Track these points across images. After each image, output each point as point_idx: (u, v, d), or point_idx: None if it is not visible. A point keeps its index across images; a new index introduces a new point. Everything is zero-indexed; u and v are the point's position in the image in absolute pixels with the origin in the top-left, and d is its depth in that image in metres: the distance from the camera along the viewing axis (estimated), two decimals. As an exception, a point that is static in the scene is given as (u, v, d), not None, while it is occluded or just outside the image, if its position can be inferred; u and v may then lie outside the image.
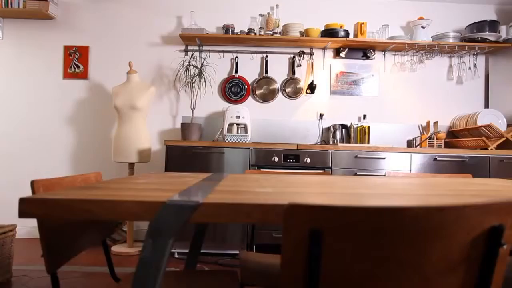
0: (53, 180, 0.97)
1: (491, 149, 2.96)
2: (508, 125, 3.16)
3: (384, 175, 1.79)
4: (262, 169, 2.77)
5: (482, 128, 3.09)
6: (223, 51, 3.46)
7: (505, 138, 3.00)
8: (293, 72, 3.46)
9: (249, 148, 2.79)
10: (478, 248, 0.64)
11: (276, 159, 2.78)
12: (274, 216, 0.70)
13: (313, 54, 3.47)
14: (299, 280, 0.62)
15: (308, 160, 2.79)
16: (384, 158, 2.82)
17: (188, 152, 2.79)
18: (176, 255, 2.86)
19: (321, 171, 2.77)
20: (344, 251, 0.61)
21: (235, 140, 2.94)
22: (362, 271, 0.62)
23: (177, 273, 1.22)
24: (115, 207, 0.74)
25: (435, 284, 0.64)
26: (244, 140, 2.94)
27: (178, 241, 2.83)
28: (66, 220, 0.93)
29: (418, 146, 3.32)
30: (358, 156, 2.80)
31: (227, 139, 2.93)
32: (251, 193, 0.91)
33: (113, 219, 0.76)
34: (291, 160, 2.78)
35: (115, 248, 2.95)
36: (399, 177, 1.63)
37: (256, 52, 3.46)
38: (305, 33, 3.28)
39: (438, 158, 2.84)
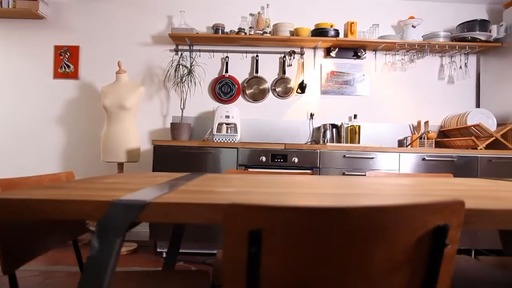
0: (16, 179, 0.97)
1: (481, 149, 2.95)
2: (499, 125, 3.15)
3: (365, 175, 1.78)
4: (249, 169, 2.77)
5: (472, 127, 3.08)
6: (213, 51, 3.45)
7: (494, 138, 2.99)
8: (284, 72, 3.45)
9: (236, 148, 2.79)
10: (423, 248, 0.64)
11: (264, 158, 2.78)
12: (221, 216, 0.69)
13: (304, 53, 3.46)
14: (241, 280, 0.62)
15: (296, 160, 2.78)
16: (373, 158, 2.81)
17: (176, 152, 2.79)
18: (164, 255, 2.85)
19: (307, 171, 2.76)
20: (284, 251, 0.61)
21: (224, 140, 2.93)
22: (304, 272, 0.62)
23: (148, 273, 1.21)
24: (66, 207, 0.74)
25: (379, 285, 0.63)
26: (232, 140, 2.94)
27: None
28: (26, 219, 0.93)
29: (409, 146, 3.31)
30: (347, 156, 2.80)
31: (215, 139, 2.92)
32: (212, 192, 0.90)
33: (66, 218, 0.76)
34: (279, 160, 2.78)
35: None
36: (379, 177, 1.62)
37: (246, 52, 3.46)
38: (295, 32, 3.28)
39: (426, 158, 2.83)
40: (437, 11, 3.54)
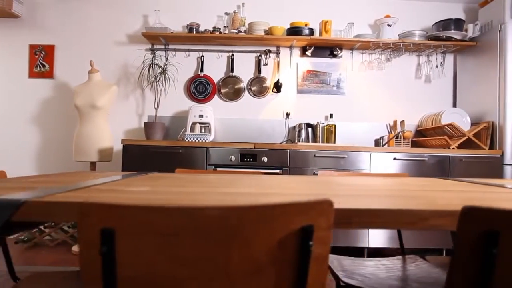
0: None
1: (453, 148, 2.94)
2: (473, 124, 3.14)
3: (317, 174, 1.77)
4: (217, 169, 2.75)
5: (446, 127, 3.06)
6: (188, 50, 3.44)
7: (466, 137, 2.98)
8: (259, 71, 3.44)
9: (206, 148, 2.78)
10: (289, 249, 0.63)
11: (233, 158, 2.77)
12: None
13: (280, 52, 3.45)
14: (98, 280, 0.60)
15: (266, 160, 2.76)
16: (344, 157, 2.80)
17: (146, 152, 2.78)
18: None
19: (276, 171, 2.75)
20: (139, 251, 0.60)
21: (195, 139, 2.92)
22: (162, 272, 0.60)
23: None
24: None
25: (241, 286, 0.62)
26: (204, 139, 2.92)
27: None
28: None
29: (386, 146, 3.29)
30: (317, 155, 2.78)
31: (186, 138, 2.91)
32: (121, 192, 0.89)
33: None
34: (248, 160, 2.76)
35: (76, 248, 2.94)
36: (324, 176, 1.61)
37: (222, 51, 3.45)
38: (269, 31, 3.26)
39: (398, 158, 2.81)
40: (414, 10, 3.52)
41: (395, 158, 2.82)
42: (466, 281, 0.66)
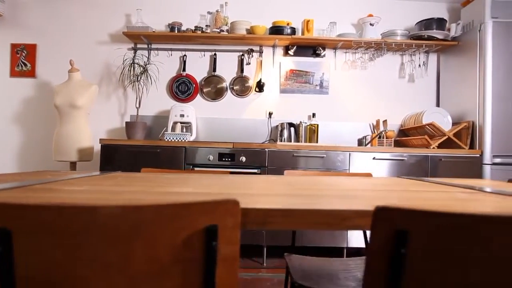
0: None
1: (433, 148, 2.93)
2: (455, 124, 3.13)
3: (283, 174, 1.76)
4: (196, 168, 2.74)
5: (427, 126, 3.06)
6: (171, 50, 3.43)
7: (446, 137, 2.97)
8: (242, 70, 3.43)
9: (184, 147, 2.77)
10: (194, 249, 0.62)
11: (212, 158, 2.76)
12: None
13: (262, 52, 3.44)
14: (-2, 282, 0.60)
15: (244, 159, 2.76)
16: (323, 157, 2.79)
17: (124, 151, 2.77)
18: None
19: (254, 170, 2.74)
20: (39, 251, 0.59)
21: (174, 139, 2.91)
22: (64, 272, 0.60)
23: None
24: None
25: (144, 286, 0.61)
26: (183, 139, 2.91)
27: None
28: None
29: (368, 145, 3.28)
30: (295, 155, 2.78)
31: (166, 138, 2.90)
32: (56, 191, 0.88)
33: None
34: (226, 159, 2.76)
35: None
36: (288, 176, 1.60)
37: (204, 50, 3.44)
38: (251, 30, 3.25)
39: (376, 157, 2.81)
40: (398, 9, 3.51)
41: (374, 158, 2.81)
42: (380, 281, 0.66)
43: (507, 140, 2.80)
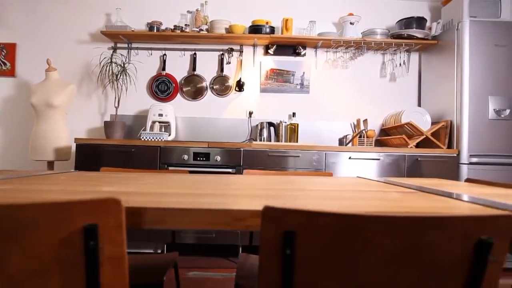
0: None
1: (411, 147, 2.91)
2: (434, 123, 3.11)
3: (242, 173, 1.75)
4: (170, 168, 2.73)
5: (405, 126, 3.04)
6: (151, 49, 3.42)
7: (424, 136, 2.95)
8: (222, 70, 3.42)
9: (159, 147, 2.76)
10: (75, 249, 0.61)
11: (186, 157, 2.75)
12: None
13: (243, 51, 3.42)
14: None
15: (219, 159, 2.74)
16: (298, 156, 2.78)
17: (99, 151, 2.76)
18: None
19: (228, 170, 2.73)
20: None
21: (151, 138, 2.90)
22: None
23: None
24: None
25: (26, 286, 0.60)
26: (160, 138, 2.90)
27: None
28: None
29: (349, 144, 3.27)
30: (270, 154, 2.76)
31: (142, 137, 2.89)
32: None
33: None
34: (201, 159, 2.74)
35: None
36: (244, 176, 1.59)
37: (184, 50, 3.42)
38: (230, 29, 3.24)
39: (352, 157, 2.79)
40: (380, 8, 3.49)
41: (350, 158, 2.79)
42: (275, 281, 0.64)
43: (484, 139, 2.78)
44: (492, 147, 2.78)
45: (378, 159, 2.79)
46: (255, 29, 3.20)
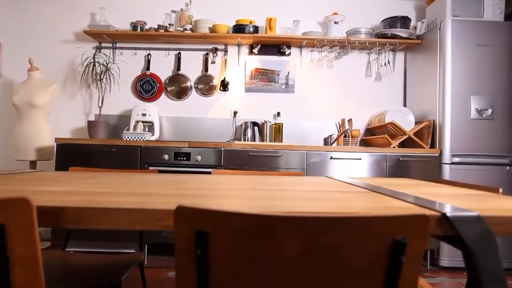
0: None
1: (394, 147, 2.90)
2: (418, 123, 3.10)
3: (210, 173, 1.74)
4: (150, 168, 2.72)
5: (388, 125, 3.03)
6: (135, 48, 3.41)
7: (407, 136, 2.95)
8: (206, 69, 3.41)
9: (139, 146, 2.75)
10: None
11: (167, 157, 2.74)
12: None
13: (227, 51, 3.41)
14: None
15: (199, 158, 2.74)
16: (280, 156, 2.77)
17: (81, 150, 2.75)
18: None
19: (208, 170, 2.72)
20: None
21: (133, 138, 2.89)
22: None
23: None
24: None
25: None
26: (142, 138, 2.90)
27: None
28: None
29: (334, 144, 3.26)
30: (251, 154, 2.75)
31: (124, 137, 2.89)
32: None
33: None
34: (182, 159, 2.74)
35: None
36: (205, 176, 1.58)
37: (169, 49, 3.42)
38: (213, 29, 3.23)
39: (334, 157, 2.78)
40: (366, 7, 3.48)
41: (331, 158, 2.79)
42: (189, 282, 0.64)
43: (466, 139, 2.77)
44: (474, 147, 2.77)
45: (360, 159, 2.78)
46: (239, 28, 3.19)
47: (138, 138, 2.89)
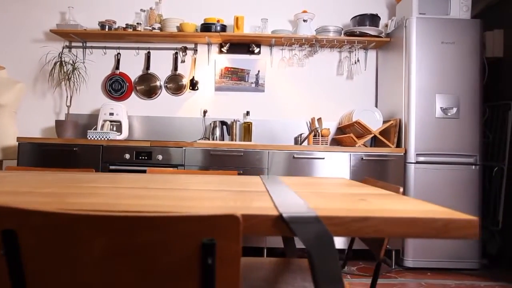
0: None
1: (359, 146, 2.88)
2: (385, 122, 3.07)
3: (145, 172, 1.72)
4: (111, 166, 2.72)
5: (355, 124, 3.00)
6: (105, 48, 3.40)
7: (373, 135, 2.92)
8: (176, 68, 3.40)
9: (101, 146, 2.74)
10: None
11: (128, 156, 2.73)
12: None
13: (197, 50, 3.40)
14: None
15: (161, 157, 2.73)
16: (241, 155, 2.75)
17: (43, 150, 2.75)
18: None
19: (169, 169, 2.71)
20: None
21: (97, 137, 2.88)
22: None
23: None
24: None
25: None
26: (106, 137, 2.89)
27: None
28: None
29: (305, 143, 3.24)
30: (212, 153, 2.74)
31: (89, 136, 2.88)
32: None
33: None
34: (143, 158, 2.73)
35: None
36: (133, 175, 1.56)
37: (138, 48, 3.41)
38: (181, 28, 3.22)
39: (295, 156, 2.76)
40: (337, 5, 3.45)
41: (294, 157, 2.76)
42: (2, 283, 0.62)
43: (431, 138, 2.74)
44: (439, 146, 2.74)
45: (323, 159, 2.76)
46: (206, 27, 3.17)
47: (102, 137, 2.88)
